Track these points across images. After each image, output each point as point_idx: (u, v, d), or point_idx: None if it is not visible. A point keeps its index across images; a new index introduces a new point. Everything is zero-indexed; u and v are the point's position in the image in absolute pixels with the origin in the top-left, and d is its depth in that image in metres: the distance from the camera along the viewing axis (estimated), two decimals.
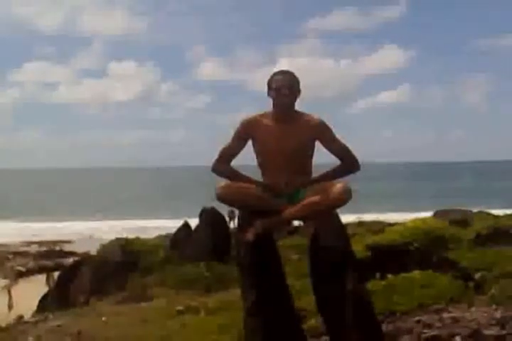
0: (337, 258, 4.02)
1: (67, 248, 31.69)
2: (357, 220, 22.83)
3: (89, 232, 38.62)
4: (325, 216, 4.04)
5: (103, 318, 7.80)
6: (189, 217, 16.04)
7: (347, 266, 4.00)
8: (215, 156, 4.23)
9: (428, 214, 20.50)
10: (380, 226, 16.44)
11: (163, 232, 22.49)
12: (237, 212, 4.44)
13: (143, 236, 17.01)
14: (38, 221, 45.15)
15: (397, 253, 7.79)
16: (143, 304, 9.01)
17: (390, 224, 15.65)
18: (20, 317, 11.90)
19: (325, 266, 4.04)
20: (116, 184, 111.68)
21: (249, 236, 4.04)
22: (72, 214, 50.49)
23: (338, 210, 4.16)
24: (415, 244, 8.18)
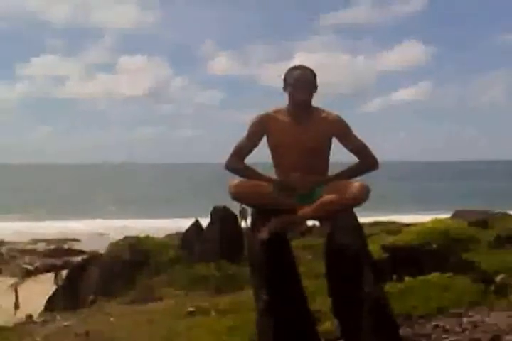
0: (354, 258, 4.00)
1: (75, 246, 31.88)
2: (373, 220, 22.75)
3: (98, 230, 38.80)
4: (341, 215, 4.02)
5: (111, 319, 7.82)
6: (200, 216, 16.06)
7: (364, 267, 3.98)
8: (229, 153, 4.23)
9: (447, 215, 20.40)
10: (396, 227, 16.40)
11: (173, 231, 22.53)
12: (249, 210, 4.44)
13: (153, 234, 17.02)
14: (46, 219, 45.38)
15: (415, 255, 7.75)
16: (151, 305, 9.04)
17: (407, 225, 15.60)
18: (30, 316, 11.98)
19: (341, 267, 4.03)
20: (126, 181, 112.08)
21: (263, 235, 4.03)
22: (82, 211, 50.73)
23: (354, 210, 4.15)
24: (433, 245, 8.15)
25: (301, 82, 4.07)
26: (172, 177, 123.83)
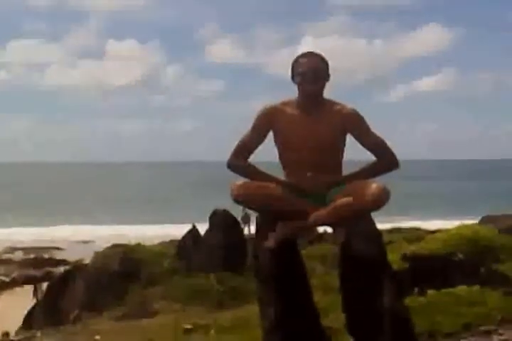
0: (371, 269, 4.02)
1: (57, 255, 31.94)
2: (392, 226, 22.77)
3: (83, 237, 38.87)
4: (358, 221, 4.04)
5: (96, 337, 7.86)
6: (198, 221, 16.10)
7: (383, 279, 4.00)
8: (231, 150, 4.25)
9: (475, 220, 20.41)
10: (419, 234, 16.42)
11: (168, 238, 22.58)
12: (252, 215, 4.46)
13: (145, 242, 17.07)
14: (24, 224, 45.41)
15: (439, 265, 7.77)
16: (145, 321, 9.08)
17: (431, 232, 15.62)
18: (6, 334, 12.02)
19: (357, 279, 4.04)
20: (116, 181, 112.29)
21: (270, 243, 4.05)
22: (64, 216, 50.79)
23: (371, 215, 4.16)
24: (460, 255, 8.16)
25: (312, 71, 4.08)
26: (167, 178, 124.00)
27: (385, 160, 4.18)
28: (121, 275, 13.24)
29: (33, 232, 41.29)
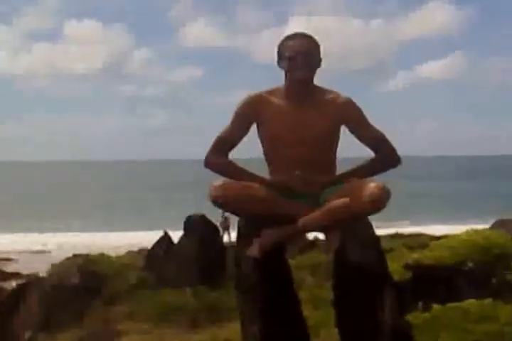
0: (369, 281, 4.04)
1: (7, 267, 31.75)
2: (393, 232, 22.88)
3: (37, 247, 38.67)
4: (354, 225, 4.06)
5: None
6: (170, 227, 16.09)
7: (382, 292, 4.03)
8: (209, 146, 4.26)
9: (482, 224, 20.53)
10: (423, 240, 16.50)
11: (136, 247, 22.54)
12: (232, 220, 4.48)
13: (109, 252, 17.03)
14: None
15: (446, 276, 7.81)
16: None
17: (437, 237, 15.70)
18: None
19: (353, 292, 4.06)
20: (76, 183, 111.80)
21: (254, 251, 4.06)
22: (16, 221, 50.52)
23: (369, 218, 4.19)
24: (469, 264, 8.21)
25: (301, 55, 4.09)
26: (134, 178, 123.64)
27: (385, 157, 4.20)
28: (81, 291, 13.19)
29: None
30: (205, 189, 3.99)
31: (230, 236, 24.10)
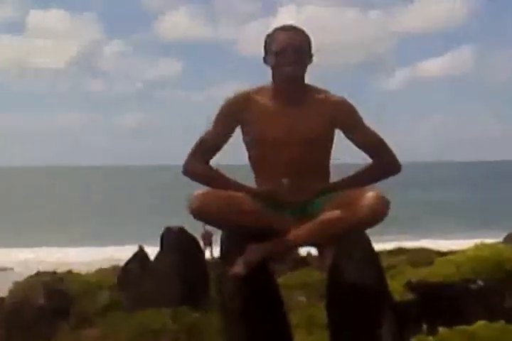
0: (367, 301, 4.04)
1: None
2: (394, 246, 22.91)
3: None
4: (349, 240, 4.05)
5: None
6: (146, 241, 16.06)
7: (382, 314, 4.02)
8: (188, 151, 4.26)
9: (498, 238, 20.58)
10: (427, 256, 16.51)
11: (109, 264, 22.48)
12: (216, 233, 4.46)
13: (79, 269, 17.01)
14: None
15: (453, 295, 7.81)
16: None
17: (443, 253, 15.73)
18: None
19: (349, 313, 4.06)
20: (41, 190, 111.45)
21: (238, 268, 4.04)
22: None
23: (367, 232, 4.18)
24: (479, 282, 8.21)
25: (291, 50, 4.09)
26: (105, 186, 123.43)
27: (384, 163, 4.21)
28: (47, 312, 13.14)
29: None
30: (184, 199, 3.98)
31: (213, 252, 24.08)
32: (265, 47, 4.19)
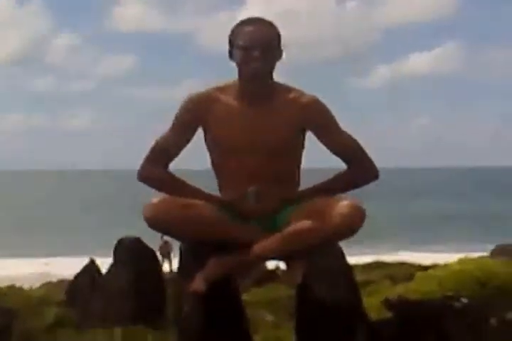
0: (340, 320, 4.06)
1: None
2: (371, 260, 23.00)
3: None
4: (321, 252, 4.06)
5: None
6: (96, 253, 16.02)
7: (356, 333, 4.04)
8: (144, 155, 4.26)
9: (485, 251, 20.70)
10: (407, 271, 16.60)
11: (55, 278, 22.40)
12: (174, 245, 4.45)
13: (22, 283, 16.90)
14: None
15: (435, 314, 7.86)
16: None
17: (424, 267, 15.81)
18: None
19: (321, 334, 4.07)
20: None
21: (198, 284, 4.04)
22: None
23: (340, 244, 4.20)
24: (463, 300, 8.26)
25: (259, 44, 4.09)
26: (53, 193, 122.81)
27: (359, 169, 4.22)
28: None
29: None
30: (139, 207, 3.98)
31: (172, 265, 24.02)
32: (230, 41, 4.18)
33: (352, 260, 4.39)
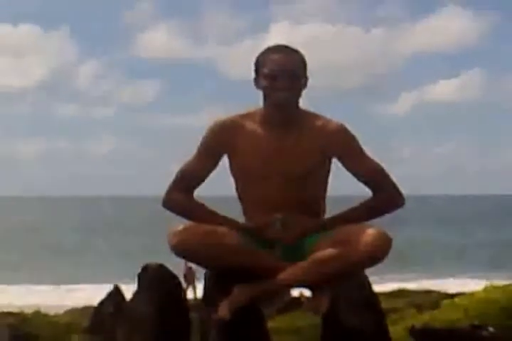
0: None
1: None
2: (396, 288, 22.88)
3: None
4: (347, 280, 4.04)
5: None
6: (122, 280, 15.99)
7: None
8: (170, 182, 4.25)
9: (510, 279, 20.55)
10: (433, 298, 16.49)
11: (80, 304, 22.36)
12: (199, 272, 4.44)
13: (46, 310, 16.87)
14: None
15: None
16: None
17: (450, 295, 15.70)
18: None
19: None
20: (4, 223, 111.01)
21: (223, 312, 4.02)
22: None
23: (366, 272, 4.17)
24: (490, 328, 8.19)
25: (285, 72, 4.08)
26: (75, 220, 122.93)
27: (385, 196, 4.19)
28: None
29: None
30: (164, 233, 3.96)
31: (196, 291, 23.96)
32: (256, 68, 4.18)
33: (376, 288, 4.34)
